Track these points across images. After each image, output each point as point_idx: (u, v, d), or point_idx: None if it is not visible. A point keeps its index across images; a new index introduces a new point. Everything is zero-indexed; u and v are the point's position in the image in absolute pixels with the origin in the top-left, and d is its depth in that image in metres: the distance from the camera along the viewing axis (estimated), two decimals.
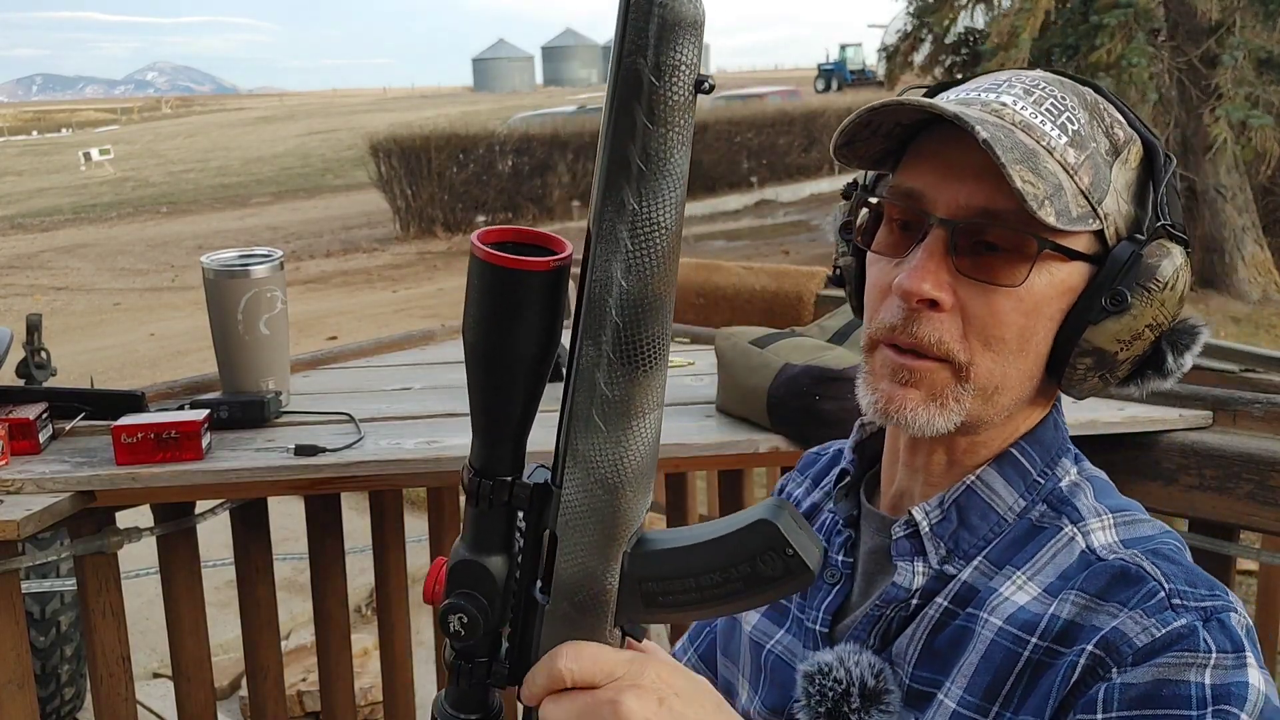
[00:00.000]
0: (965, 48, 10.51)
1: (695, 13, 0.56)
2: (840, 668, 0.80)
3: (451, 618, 0.66)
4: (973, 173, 0.75)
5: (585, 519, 0.64)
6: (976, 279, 0.76)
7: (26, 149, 38.12)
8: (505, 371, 0.63)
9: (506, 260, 0.60)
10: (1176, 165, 0.81)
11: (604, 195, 0.59)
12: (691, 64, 0.56)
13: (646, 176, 0.58)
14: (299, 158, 28.45)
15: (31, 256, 15.14)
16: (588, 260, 0.61)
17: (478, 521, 0.67)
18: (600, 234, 0.59)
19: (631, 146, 0.57)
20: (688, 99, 0.57)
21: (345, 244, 15.16)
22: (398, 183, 15.57)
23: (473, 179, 15.81)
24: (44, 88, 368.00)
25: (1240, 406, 1.71)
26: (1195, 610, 0.71)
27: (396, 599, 2.17)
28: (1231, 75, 7.99)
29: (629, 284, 0.59)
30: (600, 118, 0.59)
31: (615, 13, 0.58)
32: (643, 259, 0.59)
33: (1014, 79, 0.80)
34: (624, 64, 0.57)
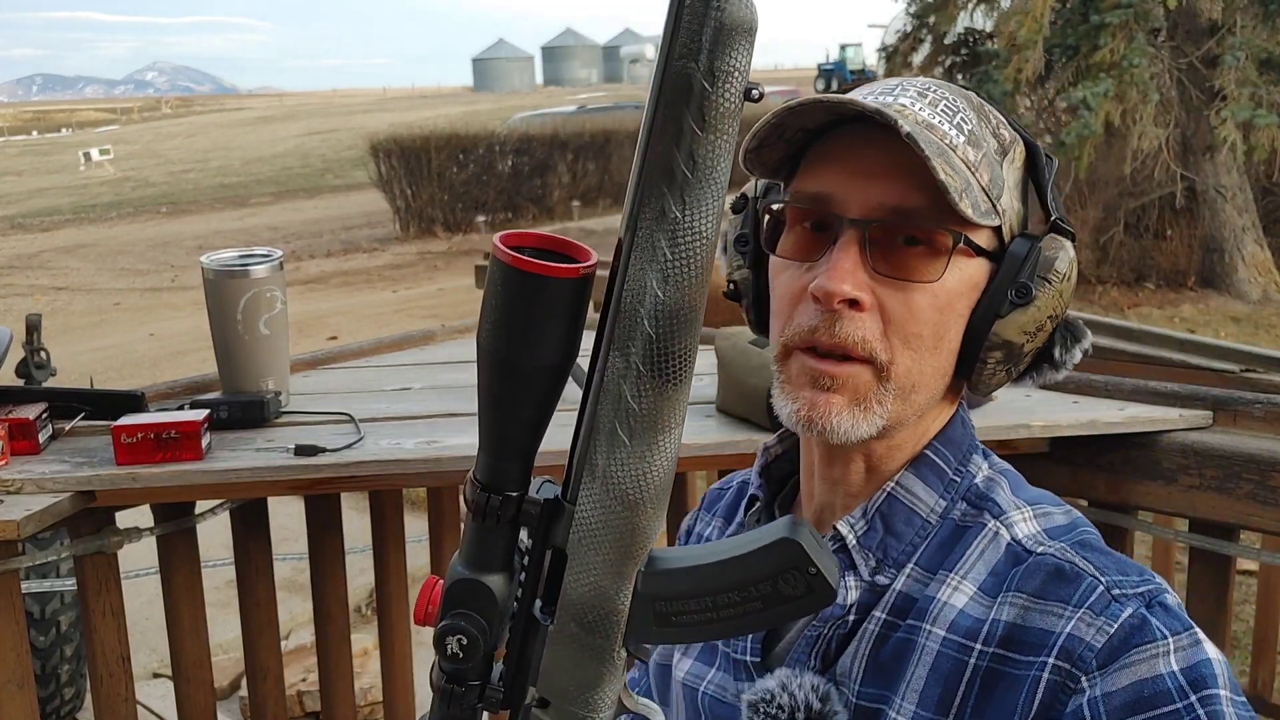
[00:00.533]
0: (965, 48, 10.51)
1: (751, 17, 0.55)
2: (783, 693, 0.78)
3: (450, 639, 0.64)
4: (882, 172, 0.76)
5: (601, 537, 0.61)
6: (893, 277, 0.76)
7: (26, 149, 38.12)
8: (523, 383, 0.61)
9: (533, 265, 0.58)
10: (1057, 164, 0.84)
11: (642, 201, 0.56)
12: (744, 70, 0.55)
13: (691, 184, 0.56)
14: (299, 158, 28.45)
15: (31, 256, 15.14)
16: (618, 268, 0.58)
17: (480, 538, 0.64)
18: (636, 241, 0.57)
19: (677, 152, 0.55)
20: (738, 106, 0.55)
21: (345, 244, 15.16)
22: (398, 183, 15.57)
23: (473, 179, 15.81)
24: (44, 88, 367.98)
25: (1240, 406, 1.71)
26: (1136, 598, 0.72)
27: (396, 599, 2.17)
28: (1234, 76, 7.99)
29: (665, 294, 0.57)
30: (641, 120, 0.57)
31: (664, 13, 0.56)
32: (682, 269, 0.57)
33: (905, 83, 0.81)
34: (674, 66, 0.55)
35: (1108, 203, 9.29)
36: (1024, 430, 1.72)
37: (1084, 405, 1.80)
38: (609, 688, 0.66)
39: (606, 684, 0.66)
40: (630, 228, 0.57)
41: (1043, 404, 1.82)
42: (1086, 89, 7.88)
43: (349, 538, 2.07)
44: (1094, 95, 7.81)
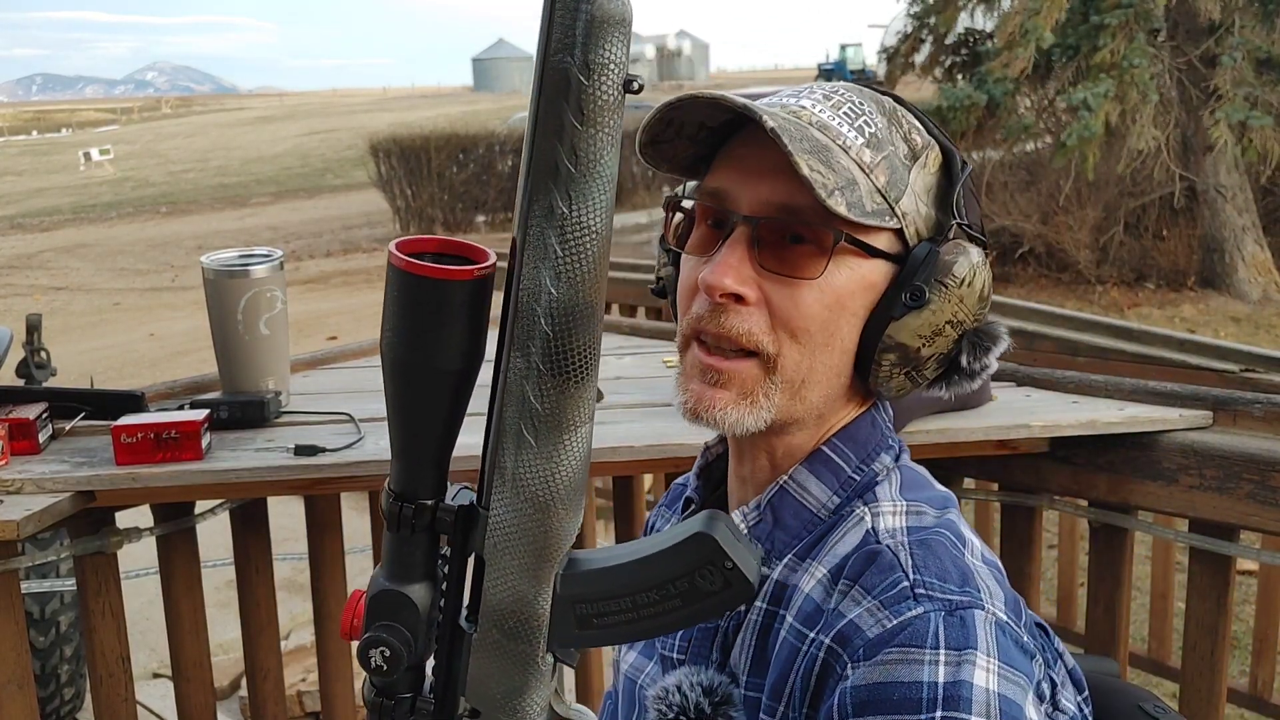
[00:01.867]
0: (965, 48, 10.51)
1: (623, 10, 0.55)
2: (677, 691, 0.78)
3: (372, 652, 0.63)
4: (772, 170, 0.77)
5: (515, 540, 0.61)
6: (779, 273, 0.77)
7: (26, 149, 38.12)
8: (428, 388, 0.60)
9: (427, 269, 0.57)
10: (971, 169, 0.84)
11: (530, 200, 0.57)
12: (620, 62, 0.55)
13: (576, 179, 0.56)
14: (299, 158, 28.45)
15: (31, 256, 15.14)
16: (514, 268, 0.58)
17: (398, 548, 0.64)
18: (528, 240, 0.57)
19: (560, 147, 0.55)
20: (617, 98, 0.56)
21: (345, 244, 15.15)
22: (398, 183, 15.57)
23: (473, 179, 15.81)
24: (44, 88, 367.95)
25: (1240, 406, 1.71)
26: (938, 602, 0.69)
27: None
28: (1231, 76, 7.99)
29: (559, 292, 0.57)
30: (526, 118, 0.57)
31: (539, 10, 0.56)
32: (573, 265, 0.57)
33: (814, 87, 0.83)
34: (550, 62, 0.55)
35: (1108, 203, 9.28)
36: (1024, 430, 1.72)
37: (1084, 405, 1.80)
38: (536, 694, 0.65)
39: (533, 690, 0.65)
40: (522, 226, 0.57)
41: (1043, 404, 1.82)
42: (1087, 89, 7.88)
43: (349, 538, 2.07)
44: (1094, 96, 7.81)
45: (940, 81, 10.23)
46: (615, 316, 3.37)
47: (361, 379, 2.14)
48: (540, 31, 0.55)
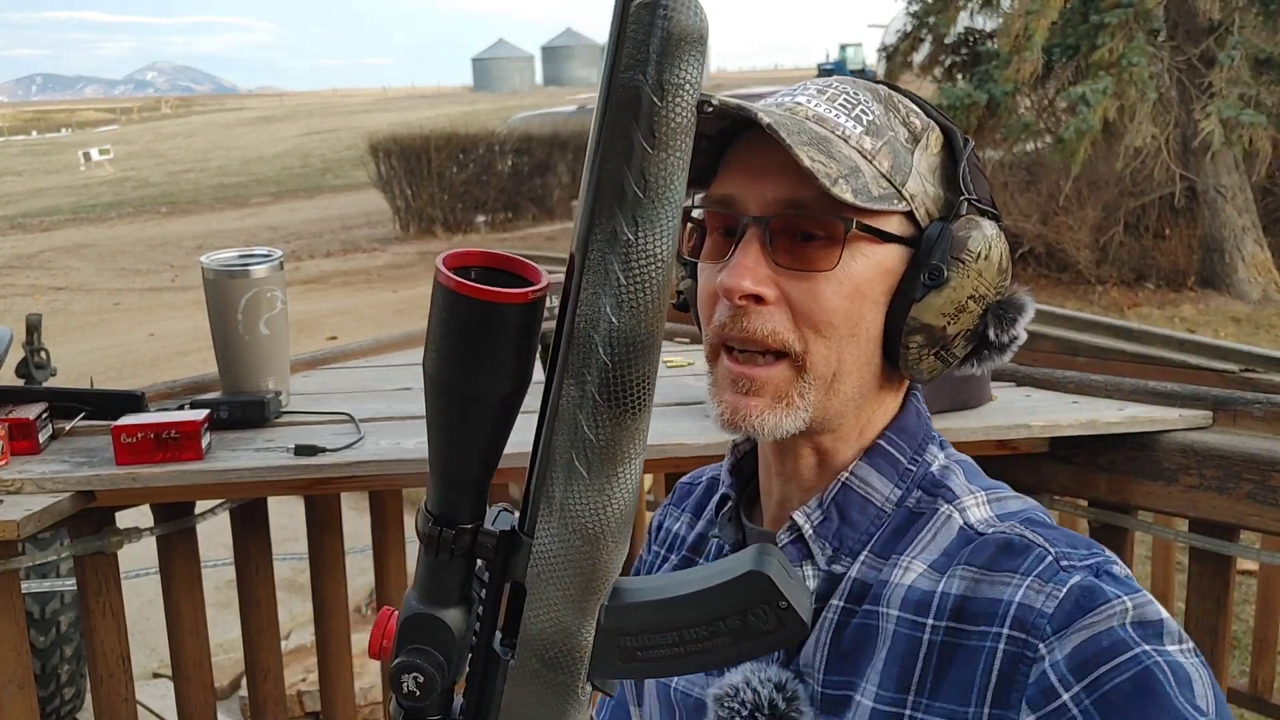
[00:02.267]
0: (965, 48, 10.51)
1: (700, 25, 0.51)
2: (747, 688, 0.78)
3: (405, 677, 0.62)
4: (775, 169, 0.77)
5: (560, 571, 0.59)
6: (795, 269, 0.77)
7: (26, 149, 38.12)
8: (473, 412, 0.58)
9: (479, 291, 0.54)
10: (974, 144, 0.84)
11: (592, 222, 0.54)
12: (695, 82, 0.52)
13: (644, 204, 0.53)
14: (299, 158, 28.45)
15: (31, 256, 15.14)
16: (570, 291, 0.56)
17: (434, 572, 0.62)
18: (588, 264, 0.54)
19: (627, 170, 0.52)
20: (690, 120, 0.52)
21: (345, 244, 15.16)
22: (398, 183, 15.57)
23: (473, 179, 15.81)
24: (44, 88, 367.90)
25: (1240, 406, 1.71)
26: (1084, 568, 0.73)
27: (396, 599, 2.17)
28: (1226, 74, 7.99)
29: (620, 321, 0.54)
30: (589, 135, 0.54)
31: (608, 22, 0.53)
32: (637, 294, 0.54)
33: (808, 84, 0.83)
34: (620, 80, 0.52)
35: (1108, 203, 9.29)
36: (1024, 430, 1.72)
37: (1084, 405, 1.80)
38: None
39: (567, 712, 0.64)
40: (581, 249, 0.55)
41: (1043, 404, 1.82)
42: (1086, 86, 7.89)
43: (349, 538, 2.07)
44: (1093, 92, 7.82)
45: (940, 81, 10.23)
46: None
47: (361, 379, 2.14)
48: (609, 44, 0.52)
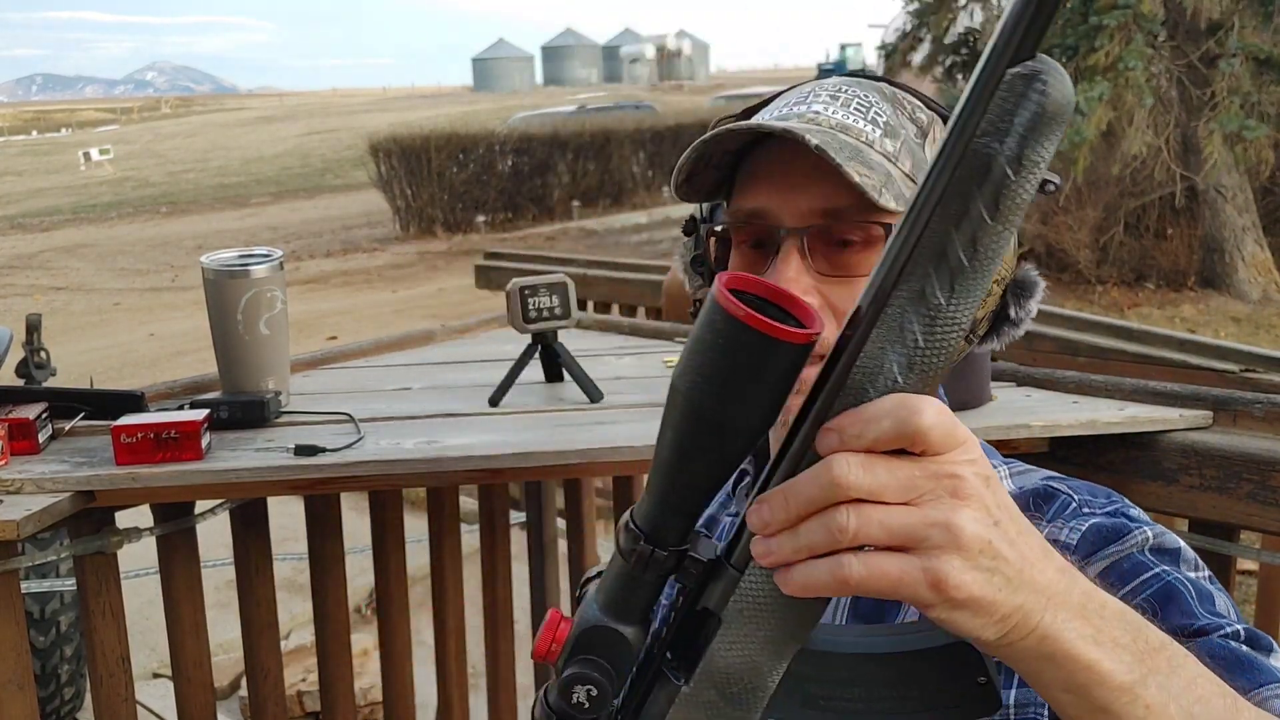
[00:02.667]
0: (965, 48, 10.51)
1: (1068, 103, 0.49)
2: None
3: (578, 688, 0.60)
4: (807, 180, 0.79)
5: (766, 612, 0.56)
6: (835, 275, 0.80)
7: (26, 149, 38.11)
8: (720, 441, 0.55)
9: (764, 325, 0.51)
10: None
11: (900, 278, 0.51)
12: (1048, 160, 0.50)
13: (965, 272, 0.50)
14: (299, 158, 28.45)
15: (31, 256, 15.14)
16: (851, 338, 0.53)
17: (627, 587, 0.60)
18: (884, 318, 0.52)
19: (956, 235, 0.50)
20: (1032, 197, 0.51)
21: (345, 244, 15.15)
22: (398, 183, 15.57)
23: (473, 179, 15.81)
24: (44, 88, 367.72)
25: (1240, 406, 1.71)
26: (1104, 513, 0.79)
27: (396, 599, 2.17)
28: (1227, 83, 7.99)
29: (905, 382, 0.52)
30: (917, 188, 0.51)
31: (969, 81, 0.50)
32: (932, 359, 0.52)
33: (816, 89, 0.84)
34: (974, 144, 0.49)
35: (1108, 203, 9.29)
36: (1024, 430, 1.72)
37: (1084, 405, 1.80)
38: None
39: None
40: (876, 299, 0.52)
41: (1043, 404, 1.82)
42: (1082, 93, 7.88)
43: (349, 538, 2.07)
44: (1088, 100, 7.81)
45: (939, 81, 10.23)
46: (615, 316, 3.37)
47: (361, 379, 2.14)
48: (965, 102, 0.50)
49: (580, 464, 1.69)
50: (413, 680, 2.23)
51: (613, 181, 17.03)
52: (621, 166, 17.24)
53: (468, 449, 1.67)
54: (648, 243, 13.65)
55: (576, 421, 1.80)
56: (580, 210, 16.27)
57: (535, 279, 1.92)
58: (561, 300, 1.91)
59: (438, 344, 2.46)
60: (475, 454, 1.65)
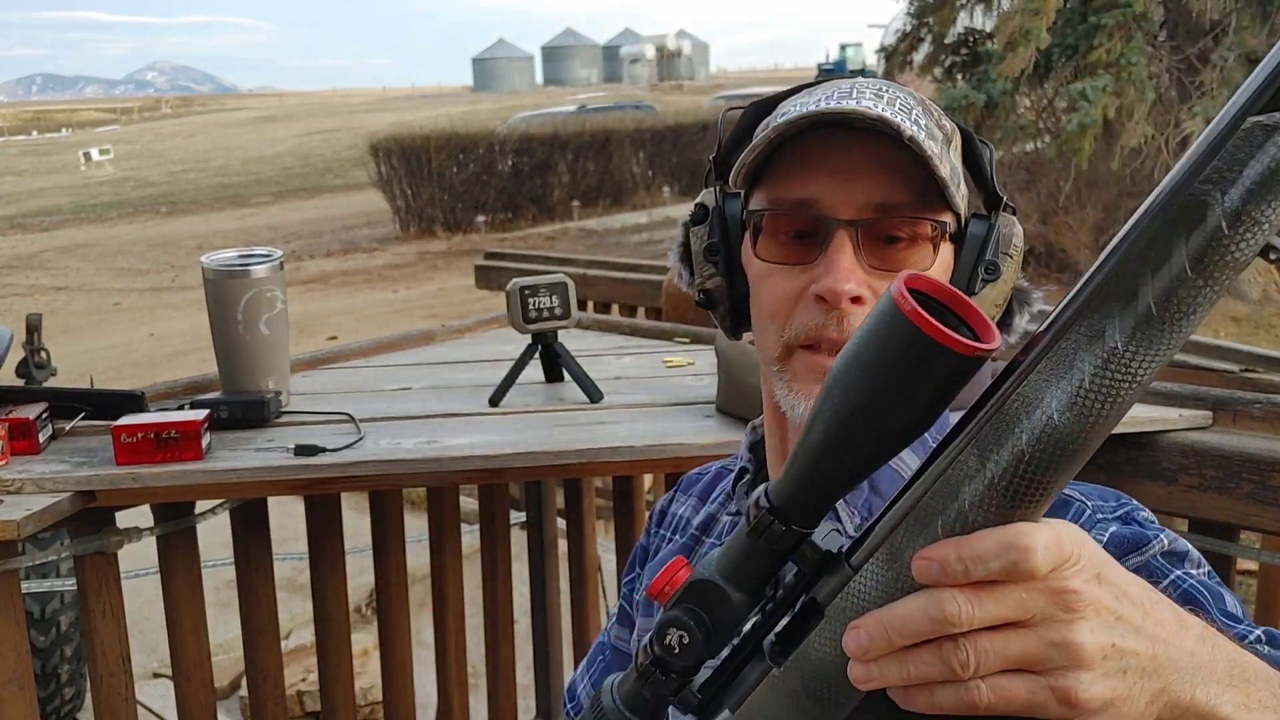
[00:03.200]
0: (965, 48, 10.50)
1: None
2: None
3: (672, 632, 0.61)
4: (863, 173, 0.79)
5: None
6: (888, 270, 0.80)
7: (26, 149, 38.11)
8: (872, 436, 0.54)
9: (943, 336, 0.49)
10: (994, 148, 0.90)
11: (1081, 311, 0.49)
12: (1274, 224, 0.46)
13: (1152, 323, 0.47)
14: (299, 158, 28.45)
15: (31, 256, 15.14)
16: (1019, 364, 0.51)
17: (745, 555, 0.60)
18: (1052, 350, 0.49)
19: (1151, 281, 0.47)
20: (1247, 262, 0.47)
21: (345, 244, 15.16)
22: (398, 183, 15.57)
23: (473, 179, 15.81)
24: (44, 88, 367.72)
25: (1240, 406, 1.71)
26: (1116, 519, 0.78)
27: (396, 599, 2.17)
28: (1219, 75, 8.00)
29: (1062, 421, 0.49)
30: (1127, 227, 0.48)
31: (1202, 132, 0.48)
32: (1094, 404, 0.48)
33: (858, 85, 0.83)
34: (1193, 188, 0.46)
35: (1108, 202, 9.29)
36: None
37: None
38: None
39: None
40: (1055, 333, 0.49)
41: None
42: (1086, 82, 7.90)
43: (349, 538, 2.07)
44: (1092, 89, 7.83)
45: (940, 81, 10.23)
46: (615, 316, 3.37)
47: (361, 379, 2.14)
48: (1197, 147, 0.47)
49: (580, 464, 1.69)
50: (413, 680, 2.23)
51: (613, 181, 17.03)
52: (621, 166, 17.24)
53: (468, 449, 1.67)
54: (648, 243, 13.65)
55: (576, 421, 1.80)
56: (580, 210, 16.27)
57: (535, 279, 1.92)
58: (561, 300, 1.91)
59: (438, 344, 2.47)
60: (475, 454, 1.65)
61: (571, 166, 16.65)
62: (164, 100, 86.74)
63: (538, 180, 16.37)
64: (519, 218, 15.97)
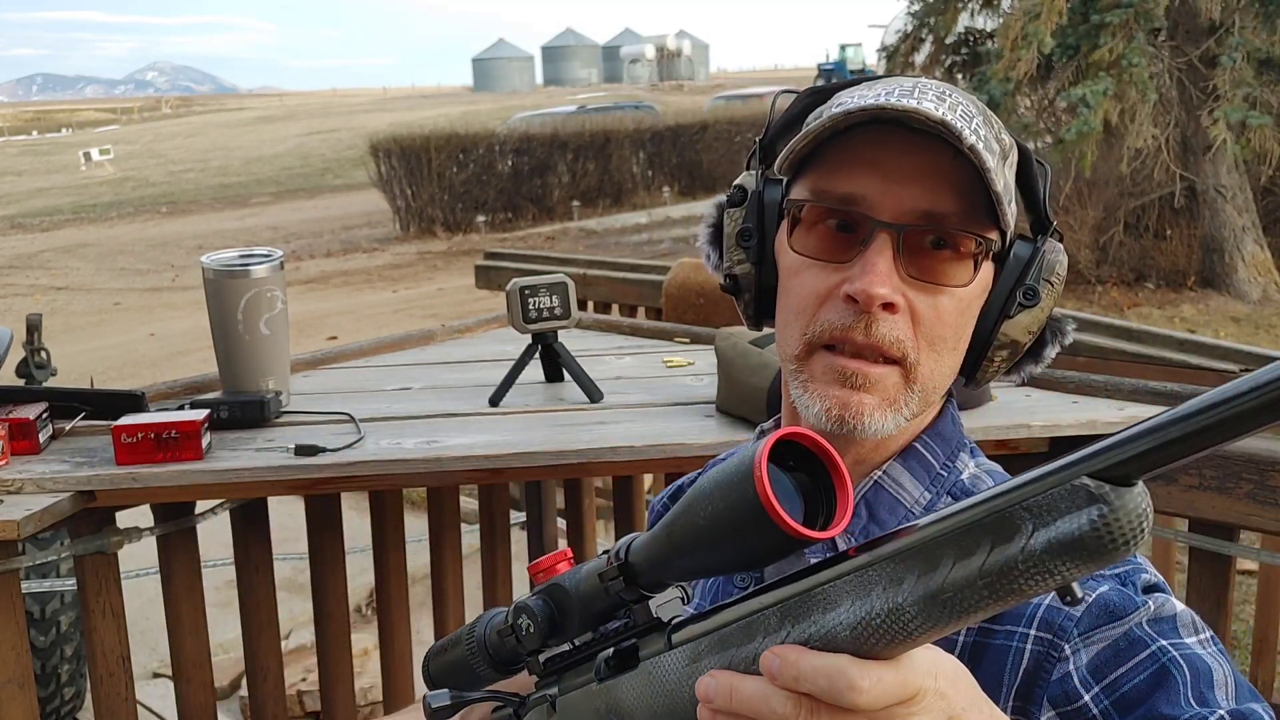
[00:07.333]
0: (965, 47, 10.50)
1: (1118, 548, 0.46)
2: None
3: (524, 618, 0.70)
4: (915, 176, 0.76)
5: (664, 693, 0.62)
6: (925, 281, 0.77)
7: (26, 149, 38.11)
8: (713, 557, 0.59)
9: (772, 509, 0.53)
10: (1050, 170, 0.87)
11: (897, 555, 0.51)
12: (1070, 579, 0.47)
13: (937, 602, 0.49)
14: (299, 158, 28.44)
15: (31, 256, 15.13)
16: (845, 556, 0.54)
17: (590, 592, 0.67)
18: (864, 570, 0.52)
19: (949, 566, 0.49)
20: (1035, 594, 0.48)
21: (345, 244, 15.15)
22: (398, 183, 15.57)
23: (473, 179, 15.81)
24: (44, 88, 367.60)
25: None
26: (1112, 577, 0.75)
27: (396, 599, 2.17)
28: (1230, 76, 7.99)
29: (841, 636, 0.52)
30: (975, 497, 0.50)
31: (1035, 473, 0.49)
32: (869, 638, 0.51)
33: (921, 85, 0.80)
34: (1012, 503, 0.48)
35: (1108, 203, 9.28)
36: (1024, 430, 1.72)
37: (1084, 405, 1.80)
38: None
39: None
40: (869, 549, 0.52)
41: (1043, 404, 1.82)
42: (1086, 87, 7.89)
43: (349, 538, 2.07)
44: (1093, 93, 7.82)
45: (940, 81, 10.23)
46: (615, 316, 3.37)
47: (361, 379, 2.14)
48: (1042, 468, 0.49)
49: (580, 464, 1.69)
50: (413, 680, 2.23)
51: (613, 181, 17.03)
52: (621, 166, 17.24)
53: (468, 449, 1.67)
54: (648, 243, 13.65)
55: (576, 421, 1.80)
56: (580, 210, 16.26)
57: (535, 279, 1.92)
58: (561, 300, 1.91)
59: (438, 344, 2.46)
60: (475, 454, 1.65)
61: (571, 166, 16.65)
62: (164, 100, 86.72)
63: (538, 180, 16.36)
64: (519, 218, 15.97)
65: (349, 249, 14.74)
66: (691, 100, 32.86)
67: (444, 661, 0.79)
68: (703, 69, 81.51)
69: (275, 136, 35.27)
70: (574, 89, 62.90)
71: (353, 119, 38.84)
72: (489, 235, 14.93)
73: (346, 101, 66.18)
